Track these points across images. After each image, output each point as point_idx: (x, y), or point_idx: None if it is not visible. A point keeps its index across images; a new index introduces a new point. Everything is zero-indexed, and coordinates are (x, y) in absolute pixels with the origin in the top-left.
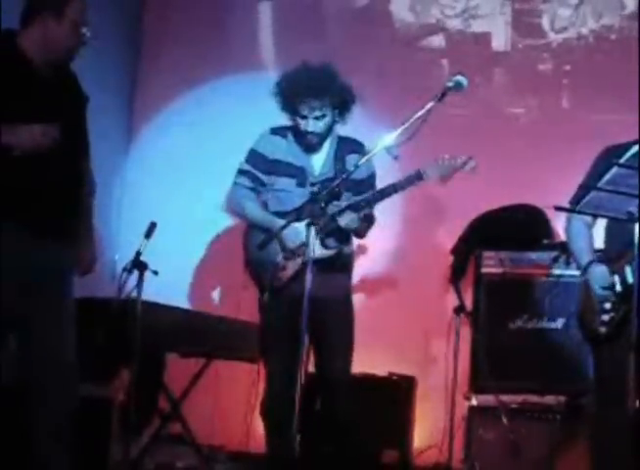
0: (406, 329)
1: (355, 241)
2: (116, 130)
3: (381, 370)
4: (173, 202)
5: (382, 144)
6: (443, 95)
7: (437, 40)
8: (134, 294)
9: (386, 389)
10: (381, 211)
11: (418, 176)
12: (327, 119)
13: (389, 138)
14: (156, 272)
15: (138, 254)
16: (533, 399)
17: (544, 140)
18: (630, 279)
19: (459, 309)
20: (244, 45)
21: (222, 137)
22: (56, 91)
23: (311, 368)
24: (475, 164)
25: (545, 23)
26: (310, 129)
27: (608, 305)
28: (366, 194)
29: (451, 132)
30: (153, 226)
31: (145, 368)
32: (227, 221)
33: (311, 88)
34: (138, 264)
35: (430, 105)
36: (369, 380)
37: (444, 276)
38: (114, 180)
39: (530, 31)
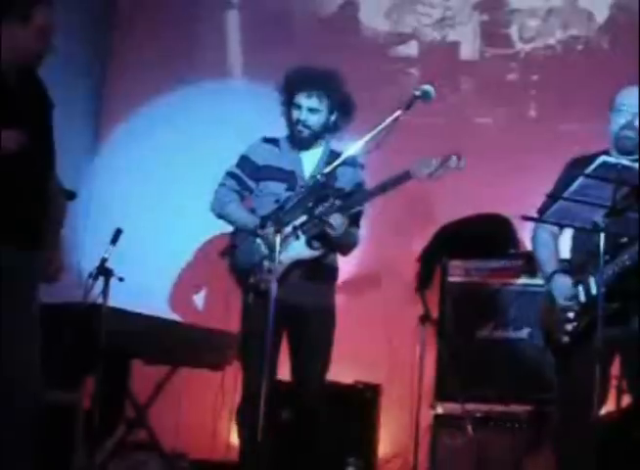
0: (372, 337)
1: None
2: (83, 136)
3: (346, 378)
4: (140, 208)
5: (348, 152)
6: (410, 104)
7: (406, 49)
8: (100, 300)
9: (351, 397)
10: None
11: (406, 176)
12: (321, 116)
13: (356, 147)
14: (121, 279)
15: (104, 260)
16: (499, 408)
17: (511, 150)
18: (594, 290)
19: (424, 318)
20: (211, 53)
21: (190, 144)
22: (22, 97)
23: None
24: (464, 164)
25: (513, 32)
26: (303, 118)
27: (571, 315)
28: (353, 196)
29: (419, 141)
30: (118, 233)
31: (110, 375)
32: (196, 228)
33: (311, 79)
34: (103, 271)
35: (397, 114)
36: (334, 388)
37: (410, 284)
38: (81, 187)
39: (498, 41)
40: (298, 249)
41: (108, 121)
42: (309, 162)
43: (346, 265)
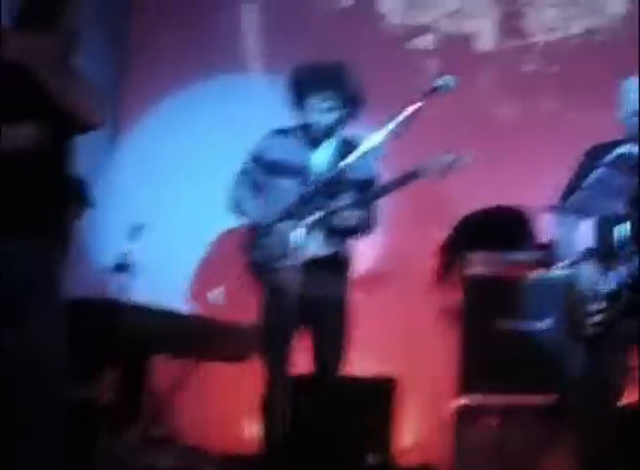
0: (392, 329)
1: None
2: (102, 131)
3: (365, 371)
4: (160, 203)
5: (368, 143)
6: (431, 95)
7: (424, 41)
8: (122, 295)
9: (370, 390)
10: None
11: (414, 175)
12: (336, 114)
13: (376, 138)
14: (141, 274)
15: (123, 255)
16: (520, 399)
17: (529, 141)
18: (622, 280)
19: (445, 310)
20: (229, 47)
21: (208, 139)
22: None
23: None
24: (469, 160)
25: (531, 24)
26: (317, 120)
27: (598, 306)
28: (367, 192)
29: (436, 133)
30: (137, 228)
31: (131, 369)
32: (215, 221)
33: (325, 79)
34: (123, 266)
35: (417, 104)
36: (353, 381)
37: (430, 276)
38: (100, 182)
39: (516, 32)
40: (314, 246)
41: (127, 116)
42: (322, 154)
43: (365, 257)
